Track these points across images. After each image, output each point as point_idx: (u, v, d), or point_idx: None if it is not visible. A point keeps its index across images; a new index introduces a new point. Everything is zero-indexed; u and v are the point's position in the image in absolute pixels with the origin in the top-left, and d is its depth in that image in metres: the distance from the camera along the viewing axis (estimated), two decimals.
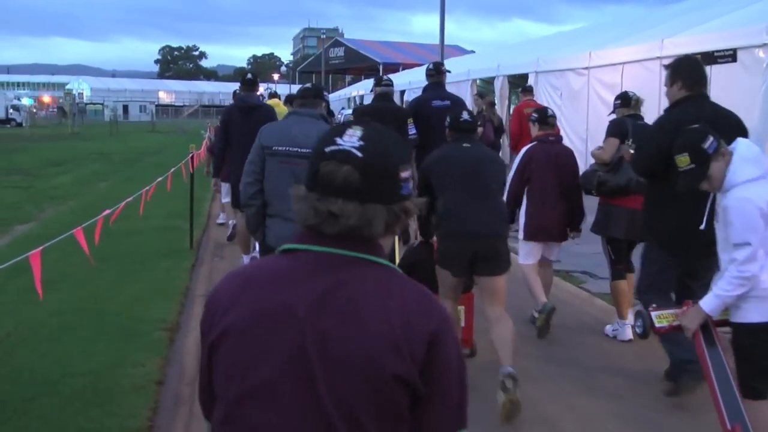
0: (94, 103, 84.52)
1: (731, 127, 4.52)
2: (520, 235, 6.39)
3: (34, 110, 65.97)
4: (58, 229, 8.61)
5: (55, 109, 80.00)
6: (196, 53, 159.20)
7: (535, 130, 6.59)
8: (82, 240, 6.37)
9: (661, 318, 3.95)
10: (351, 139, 1.56)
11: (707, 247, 3.93)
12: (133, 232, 10.28)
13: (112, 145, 33.61)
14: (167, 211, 12.20)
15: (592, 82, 16.05)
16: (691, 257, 4.55)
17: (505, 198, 5.83)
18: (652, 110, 13.92)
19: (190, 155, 10.35)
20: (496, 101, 17.29)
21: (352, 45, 61.49)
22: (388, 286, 1.57)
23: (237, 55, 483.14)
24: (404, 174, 1.59)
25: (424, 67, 9.27)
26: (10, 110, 59.43)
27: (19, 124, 55.21)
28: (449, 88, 9.31)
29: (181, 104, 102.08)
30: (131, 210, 9.26)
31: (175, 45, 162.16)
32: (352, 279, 1.55)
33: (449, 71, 8.27)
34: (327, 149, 1.57)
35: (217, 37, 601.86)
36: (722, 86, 11.97)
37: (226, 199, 9.77)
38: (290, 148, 4.69)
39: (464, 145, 5.13)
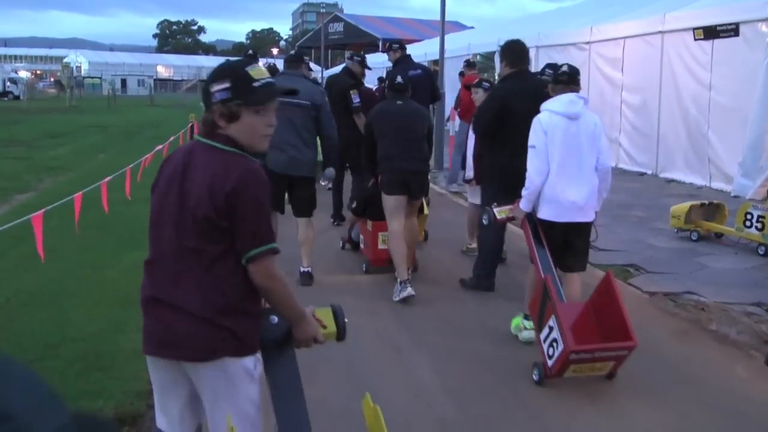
0: (92, 77, 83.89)
1: (543, 89, 5.58)
2: (468, 176, 7.57)
3: (33, 83, 65.60)
4: (56, 198, 8.59)
5: (51, 82, 79.55)
6: (195, 28, 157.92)
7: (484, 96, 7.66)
8: (78, 207, 6.37)
9: (501, 212, 5.38)
10: None
11: None
12: (132, 200, 10.27)
13: (110, 119, 33.46)
14: None
15: (593, 56, 15.97)
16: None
17: (471, 156, 7.46)
18: (653, 83, 13.92)
19: (190, 125, 10.33)
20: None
21: (352, 20, 60.93)
22: (215, 160, 2.49)
23: (236, 29, 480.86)
24: (213, 89, 2.52)
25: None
26: (8, 83, 59.10)
27: (17, 97, 54.89)
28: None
29: (180, 78, 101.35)
30: (130, 178, 9.26)
31: (173, 19, 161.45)
32: (202, 156, 2.53)
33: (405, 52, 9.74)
34: None
35: (216, 11, 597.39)
36: (724, 60, 11.95)
37: None
38: (284, 99, 5.64)
39: (398, 102, 6.68)
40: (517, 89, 6.09)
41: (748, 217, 7.84)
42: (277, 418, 2.53)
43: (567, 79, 5.18)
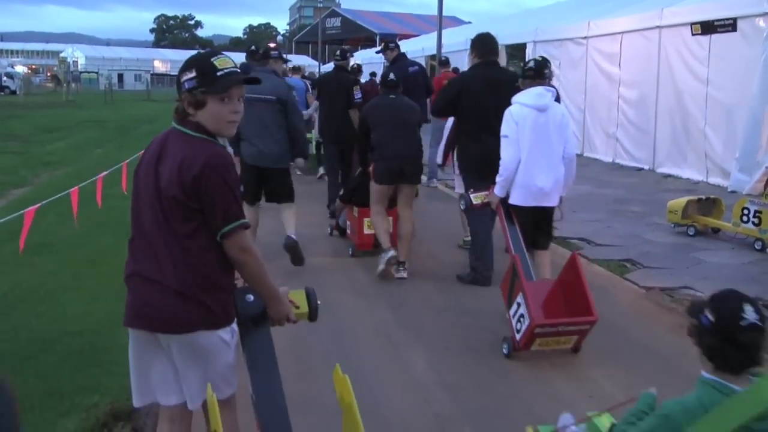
0: (89, 72, 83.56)
1: (510, 81, 6.23)
2: (456, 170, 7.50)
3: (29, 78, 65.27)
4: (52, 193, 8.57)
5: (48, 77, 79.28)
6: (192, 22, 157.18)
7: None
8: (75, 201, 6.34)
9: (477, 197, 5.73)
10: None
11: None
12: (128, 195, 10.25)
13: (107, 113, 33.39)
14: None
15: (590, 51, 15.97)
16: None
17: (443, 143, 7.85)
18: (651, 78, 13.91)
19: None
20: None
21: (349, 15, 60.70)
22: (185, 146, 2.69)
23: (233, 24, 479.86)
24: (182, 79, 2.74)
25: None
26: (4, 78, 58.94)
27: (13, 92, 54.73)
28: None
29: (177, 74, 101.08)
30: (127, 173, 9.23)
31: (170, 14, 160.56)
32: (175, 142, 2.73)
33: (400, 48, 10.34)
34: None
35: (213, 6, 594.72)
36: (721, 55, 11.95)
37: None
38: (252, 95, 6.31)
39: (390, 96, 7.17)
40: (479, 78, 6.52)
41: (745, 212, 7.85)
42: (252, 387, 2.65)
43: (533, 74, 5.63)
